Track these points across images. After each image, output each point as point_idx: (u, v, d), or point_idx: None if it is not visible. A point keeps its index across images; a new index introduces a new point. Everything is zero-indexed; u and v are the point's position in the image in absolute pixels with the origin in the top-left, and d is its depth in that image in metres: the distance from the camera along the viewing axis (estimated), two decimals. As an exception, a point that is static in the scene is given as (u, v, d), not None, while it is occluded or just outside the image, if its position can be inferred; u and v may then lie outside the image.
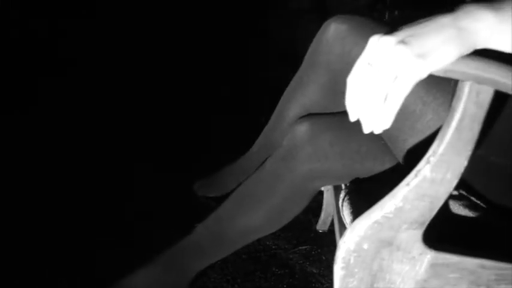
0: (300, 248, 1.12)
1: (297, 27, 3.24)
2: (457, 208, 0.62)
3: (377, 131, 0.48)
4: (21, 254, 1.01)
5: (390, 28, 0.51)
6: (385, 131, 0.69)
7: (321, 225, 1.18)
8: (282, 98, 0.94)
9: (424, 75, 0.43)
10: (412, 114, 0.67)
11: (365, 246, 0.54)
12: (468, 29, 0.43)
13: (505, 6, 0.43)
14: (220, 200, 0.92)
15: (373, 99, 0.45)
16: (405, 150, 0.69)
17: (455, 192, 0.64)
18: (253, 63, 2.21)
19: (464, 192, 0.63)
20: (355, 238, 0.53)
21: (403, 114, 0.67)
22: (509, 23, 0.43)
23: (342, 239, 0.54)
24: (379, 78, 0.44)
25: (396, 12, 4.70)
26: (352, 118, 0.49)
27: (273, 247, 1.11)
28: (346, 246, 0.54)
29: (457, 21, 0.43)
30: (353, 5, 4.08)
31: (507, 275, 0.54)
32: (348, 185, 0.77)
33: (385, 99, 0.45)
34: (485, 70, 0.45)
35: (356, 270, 0.55)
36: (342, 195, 0.74)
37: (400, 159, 0.72)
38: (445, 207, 0.62)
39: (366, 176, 0.76)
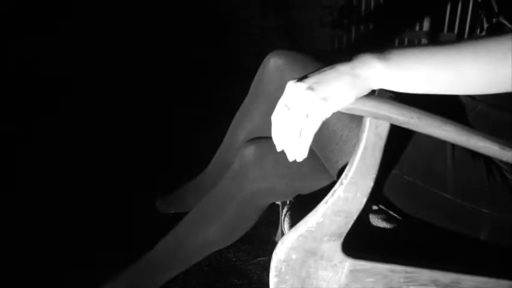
0: (259, 259, 1.20)
1: (261, 45, 3.35)
2: (376, 221, 0.72)
3: (298, 159, 0.57)
4: None
5: (318, 62, 0.60)
6: (321, 153, 0.79)
7: (280, 237, 1.27)
8: (233, 122, 1.03)
9: (328, 114, 0.53)
10: (340, 138, 0.76)
11: (293, 256, 0.62)
12: (362, 75, 0.53)
13: (391, 56, 0.53)
14: (180, 216, 1.00)
15: (291, 134, 0.54)
16: (337, 170, 0.79)
17: (375, 207, 0.74)
18: (217, 80, 2.31)
19: (383, 207, 0.73)
20: (285, 249, 0.62)
21: (334, 139, 0.77)
22: (393, 70, 0.53)
23: (274, 250, 0.63)
24: (294, 117, 0.53)
25: (362, 28, 4.87)
26: (278, 149, 0.58)
27: (233, 259, 1.19)
28: (277, 256, 0.63)
29: (353, 70, 0.53)
30: (319, 22, 4.23)
31: (415, 277, 0.64)
32: (291, 201, 0.86)
33: (300, 134, 0.54)
34: (380, 108, 0.54)
35: (287, 277, 0.64)
36: (284, 210, 0.83)
37: (335, 178, 0.81)
38: (366, 221, 0.72)
39: (307, 193, 0.85)
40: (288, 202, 0.86)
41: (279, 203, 1.23)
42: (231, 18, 3.34)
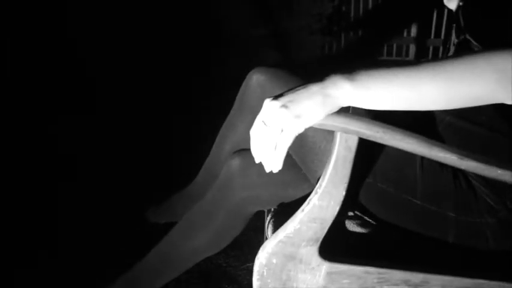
0: (248, 264, 1.24)
1: (255, 54, 3.41)
2: (352, 226, 0.77)
3: (274, 170, 0.62)
4: None
5: (297, 79, 0.65)
6: (302, 164, 0.85)
7: (267, 243, 1.32)
8: (219, 134, 1.08)
9: (301, 130, 0.58)
10: (319, 149, 0.81)
11: (274, 260, 0.67)
12: (331, 95, 0.58)
13: (358, 77, 0.59)
14: (170, 225, 1.04)
15: (267, 147, 0.59)
16: (317, 179, 0.83)
17: (351, 213, 0.79)
18: (206, 88, 2.36)
19: (358, 213, 0.78)
20: (266, 255, 0.67)
21: (314, 150, 0.82)
22: (360, 90, 0.58)
23: (256, 256, 0.68)
24: (270, 132, 0.58)
25: (351, 34, 4.93)
26: (257, 161, 0.63)
27: (224, 265, 1.23)
28: (259, 261, 0.67)
29: (323, 90, 0.58)
30: (310, 29, 4.30)
31: (387, 277, 0.69)
32: (275, 208, 0.91)
33: (275, 148, 0.59)
34: (349, 123, 0.60)
35: (269, 281, 0.68)
36: (268, 217, 0.88)
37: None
38: (342, 226, 0.77)
39: (290, 201, 0.90)
40: (272, 210, 0.91)
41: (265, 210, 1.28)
42: (222, 27, 3.40)
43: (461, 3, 0.96)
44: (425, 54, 3.92)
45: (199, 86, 2.49)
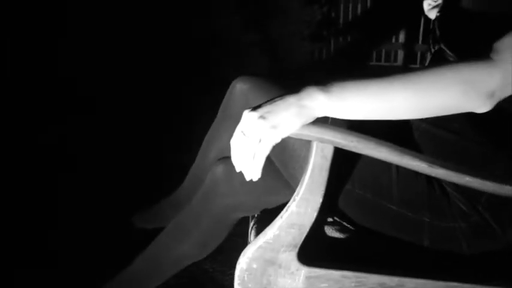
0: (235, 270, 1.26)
1: (246, 60, 3.44)
2: (331, 231, 0.79)
3: (254, 179, 0.65)
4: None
5: (278, 88, 0.68)
6: (284, 171, 0.87)
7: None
8: (204, 141, 1.11)
9: (278, 140, 0.60)
10: (300, 157, 0.84)
11: (254, 266, 0.69)
12: (307, 106, 0.60)
13: (333, 89, 0.61)
14: (159, 231, 1.06)
15: (246, 156, 0.62)
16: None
17: (331, 219, 0.81)
18: (196, 94, 2.38)
19: (337, 219, 0.80)
20: (246, 260, 0.69)
21: (295, 157, 0.84)
22: (334, 101, 0.61)
23: (238, 261, 0.70)
24: (248, 142, 0.61)
25: (341, 40, 4.98)
26: (237, 170, 0.66)
27: (210, 270, 1.25)
28: (240, 266, 0.70)
29: (299, 101, 0.61)
30: (300, 35, 4.34)
31: (364, 281, 0.71)
32: (258, 214, 0.93)
33: (254, 157, 0.62)
34: (324, 133, 0.62)
35: (250, 285, 0.71)
36: (251, 223, 0.90)
37: (297, 192, 0.89)
38: (321, 231, 0.80)
39: (272, 207, 0.92)
40: (255, 216, 0.93)
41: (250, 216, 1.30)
42: (214, 32, 3.43)
43: (438, 14, 0.99)
44: (413, 59, 3.98)
45: (191, 89, 2.51)
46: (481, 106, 0.62)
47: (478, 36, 0.76)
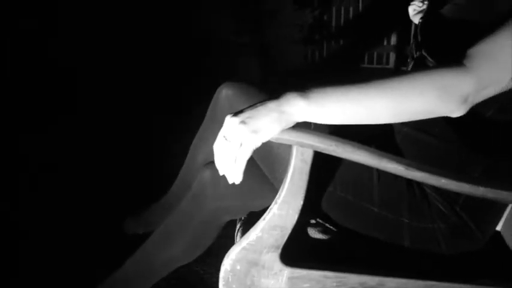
0: (224, 271, 1.28)
1: (238, 57, 3.45)
2: (314, 233, 0.81)
3: (236, 182, 0.66)
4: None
5: (262, 93, 0.70)
6: (270, 175, 0.89)
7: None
8: (192, 145, 1.13)
9: (258, 144, 0.62)
10: (284, 160, 0.85)
11: (238, 267, 0.71)
12: (287, 111, 0.62)
13: (312, 95, 0.63)
14: (148, 235, 1.08)
15: (228, 161, 0.63)
16: (283, 188, 0.88)
17: (313, 221, 0.83)
18: (193, 94, 2.39)
19: (320, 220, 0.82)
20: (230, 261, 0.71)
21: (279, 161, 0.86)
22: (313, 107, 0.62)
23: (222, 262, 0.72)
24: (230, 147, 0.62)
25: (333, 43, 5.01)
26: (221, 173, 0.67)
27: (201, 272, 1.27)
28: (224, 267, 0.71)
29: (279, 107, 0.62)
30: (292, 39, 4.36)
31: (345, 281, 0.73)
32: (245, 217, 0.95)
33: (235, 161, 0.63)
34: (304, 138, 0.64)
35: (234, 286, 0.72)
36: (238, 226, 0.92)
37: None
38: (304, 233, 0.81)
39: (258, 210, 0.94)
40: (242, 218, 0.95)
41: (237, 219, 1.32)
42: (206, 35, 3.45)
43: (421, 21, 1.02)
44: (404, 61, 4.02)
45: (183, 92, 2.53)
46: (455, 110, 0.65)
47: (457, 43, 0.78)
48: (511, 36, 0.65)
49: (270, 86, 0.95)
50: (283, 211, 0.68)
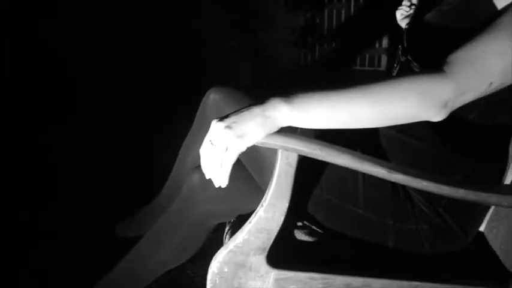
0: (215, 274, 1.29)
1: (228, 62, 3.47)
2: (301, 235, 0.83)
3: (222, 185, 0.67)
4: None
5: (248, 97, 0.71)
6: (258, 178, 0.90)
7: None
8: (182, 148, 1.14)
9: (243, 148, 0.63)
10: (271, 164, 0.86)
11: (225, 269, 0.72)
12: (271, 116, 0.64)
13: (295, 100, 0.65)
14: (139, 239, 1.08)
15: (213, 165, 0.65)
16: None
17: (300, 223, 0.84)
18: (186, 96, 2.40)
19: (307, 223, 0.84)
20: (217, 264, 0.72)
21: (266, 164, 0.87)
22: (296, 112, 0.64)
23: (210, 265, 0.73)
24: (216, 151, 0.64)
25: (326, 46, 5.03)
26: (207, 177, 0.68)
27: (192, 274, 1.28)
28: (211, 270, 0.72)
29: (264, 112, 0.64)
30: (284, 41, 4.38)
31: (331, 282, 0.74)
32: (234, 220, 0.96)
33: (221, 165, 0.65)
34: (288, 142, 0.65)
35: (221, 288, 0.73)
36: (226, 229, 0.93)
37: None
38: (291, 235, 0.83)
39: (247, 213, 0.95)
40: (231, 221, 0.96)
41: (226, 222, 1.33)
42: (200, 38, 3.46)
43: (407, 26, 1.03)
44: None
45: (173, 95, 2.53)
46: (436, 115, 0.66)
47: (440, 49, 0.80)
48: (490, 43, 0.67)
49: (258, 91, 0.96)
50: (269, 214, 0.69)
